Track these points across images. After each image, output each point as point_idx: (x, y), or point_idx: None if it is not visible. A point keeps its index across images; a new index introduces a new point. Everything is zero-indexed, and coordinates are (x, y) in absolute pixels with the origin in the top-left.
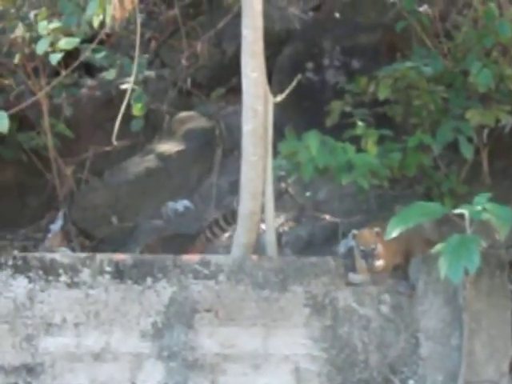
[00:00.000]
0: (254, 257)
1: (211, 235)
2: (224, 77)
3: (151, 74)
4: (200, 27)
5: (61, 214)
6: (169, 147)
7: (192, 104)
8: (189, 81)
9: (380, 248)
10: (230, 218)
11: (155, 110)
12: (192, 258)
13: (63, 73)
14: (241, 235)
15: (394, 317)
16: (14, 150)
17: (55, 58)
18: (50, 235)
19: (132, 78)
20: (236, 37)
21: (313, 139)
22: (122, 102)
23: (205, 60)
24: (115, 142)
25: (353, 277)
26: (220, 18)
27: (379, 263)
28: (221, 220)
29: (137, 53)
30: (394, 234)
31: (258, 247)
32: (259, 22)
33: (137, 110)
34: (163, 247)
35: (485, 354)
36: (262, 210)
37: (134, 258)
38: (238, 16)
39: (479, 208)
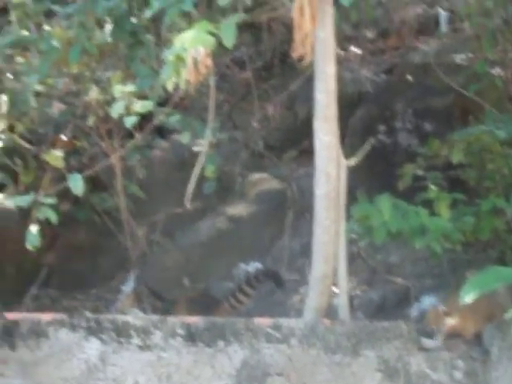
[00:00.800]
0: (326, 321)
1: (236, 303)
2: (296, 139)
3: (223, 136)
4: (272, 90)
5: (132, 276)
6: (240, 209)
7: (264, 166)
8: (261, 143)
9: (450, 321)
10: (255, 282)
11: (227, 172)
12: (264, 322)
13: (137, 135)
14: (313, 299)
15: (467, 383)
16: (86, 211)
17: (130, 121)
18: (121, 296)
19: (206, 142)
20: (308, 99)
21: (385, 203)
22: (194, 164)
23: (277, 122)
24: (188, 205)
25: (425, 342)
26: (292, 80)
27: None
28: (245, 286)
29: (211, 116)
30: (468, 299)
31: (330, 311)
32: (332, 86)
33: (209, 172)
34: (189, 306)
35: None
36: (334, 274)
37: (205, 321)
38: (310, 79)
39: None
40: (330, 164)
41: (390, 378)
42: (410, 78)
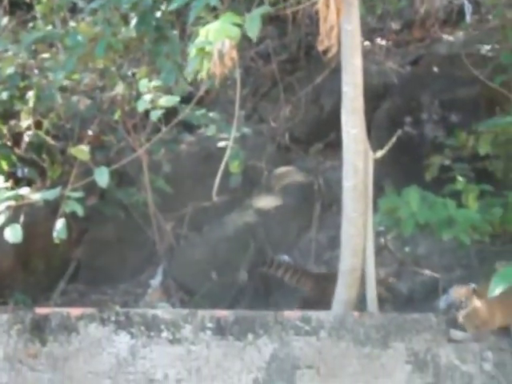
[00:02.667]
0: (356, 313)
1: None
2: (322, 132)
3: (248, 129)
4: (297, 82)
5: (160, 270)
6: (267, 202)
7: (290, 159)
8: (287, 136)
9: (478, 304)
10: None
11: (253, 166)
12: (293, 314)
13: (163, 129)
14: (342, 291)
15: (496, 374)
16: (113, 206)
17: (156, 115)
18: (150, 290)
19: (232, 136)
20: (334, 92)
21: (413, 195)
22: (220, 158)
23: (302, 115)
24: (215, 198)
25: (455, 333)
26: (317, 73)
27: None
28: None
29: (236, 110)
30: (497, 291)
31: (359, 303)
32: (359, 79)
33: (233, 167)
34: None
35: None
36: (363, 266)
37: (235, 315)
38: (335, 71)
39: None
40: (357, 157)
41: (420, 370)
42: (435, 69)
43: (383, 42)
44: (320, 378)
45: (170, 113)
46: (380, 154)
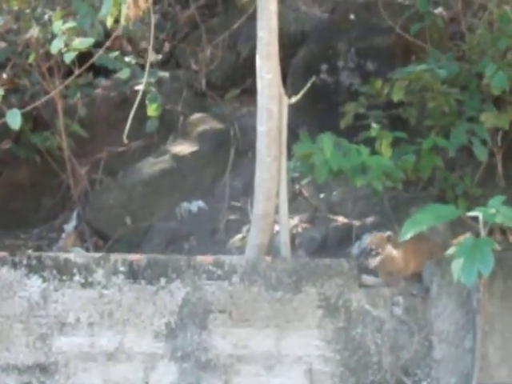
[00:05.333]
0: (268, 258)
1: None
2: (238, 78)
3: (165, 74)
4: (215, 28)
5: (75, 214)
6: (183, 148)
7: (206, 105)
8: (203, 82)
9: (393, 252)
10: None
11: (170, 111)
12: (205, 259)
13: (76, 72)
14: (254, 236)
15: (407, 319)
16: (28, 149)
17: (69, 57)
18: (63, 235)
19: (145, 78)
20: (251, 38)
21: (327, 141)
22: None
23: (220, 61)
24: (126, 141)
25: (366, 278)
26: (235, 19)
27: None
28: None
29: (150, 53)
30: (408, 236)
31: (272, 248)
32: (274, 24)
33: (152, 110)
34: None
35: (498, 357)
36: (276, 212)
37: (147, 259)
38: (252, 18)
39: (493, 210)
40: (271, 101)
41: (331, 315)
42: (352, 16)
43: None
44: (232, 322)
45: (86, 57)
46: (294, 99)
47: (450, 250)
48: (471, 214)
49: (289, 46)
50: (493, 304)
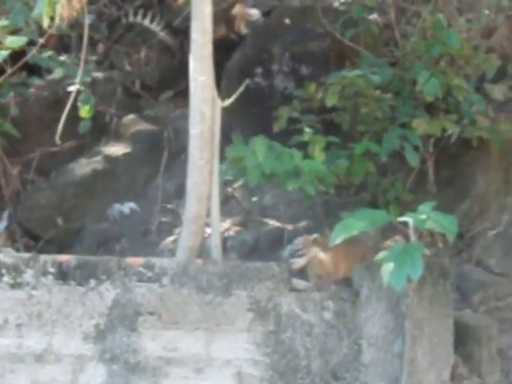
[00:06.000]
0: (199, 260)
1: None
2: (173, 80)
3: (99, 75)
4: (150, 29)
5: (6, 215)
6: (116, 149)
7: (140, 106)
8: (137, 83)
9: (320, 255)
10: None
11: (103, 112)
12: (136, 261)
13: (8, 70)
14: (186, 238)
15: (336, 323)
16: None
17: (1, 56)
18: None
19: (78, 79)
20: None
21: (260, 144)
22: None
23: (154, 62)
24: (59, 142)
25: (297, 282)
26: (170, 20)
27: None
28: None
29: (83, 53)
30: (339, 240)
31: (203, 251)
32: (208, 26)
33: (84, 111)
34: None
35: (426, 362)
36: (208, 214)
37: (77, 260)
38: (188, 19)
39: (424, 216)
40: (204, 104)
41: (261, 318)
42: (287, 21)
43: None
44: (162, 325)
45: (19, 56)
46: (228, 102)
47: (381, 255)
48: (402, 219)
49: (223, 48)
50: (422, 309)
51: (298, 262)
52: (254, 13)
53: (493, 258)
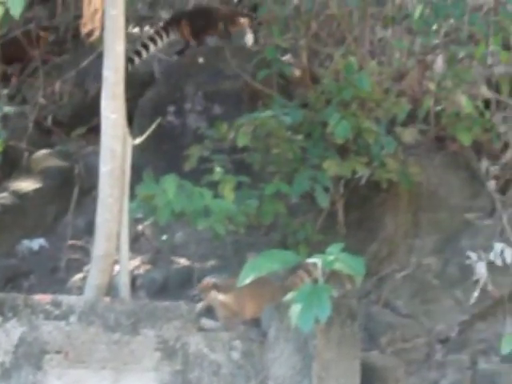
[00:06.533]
0: (107, 299)
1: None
2: (85, 116)
3: (10, 110)
4: (63, 65)
5: None
6: (26, 185)
7: (52, 142)
8: (49, 119)
9: (220, 297)
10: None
11: (14, 147)
12: (43, 298)
13: None
14: (94, 276)
15: (244, 363)
16: None
17: None
18: None
19: None
20: (99, 76)
21: (170, 183)
22: None
23: (66, 98)
24: None
25: (205, 322)
26: (84, 56)
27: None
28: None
29: None
30: (247, 280)
31: (112, 289)
32: (121, 64)
33: None
34: None
35: None
36: (117, 252)
37: None
38: (101, 56)
39: (332, 258)
40: (115, 142)
41: (169, 358)
42: (201, 60)
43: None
44: (68, 363)
45: None
46: (139, 140)
47: (289, 295)
48: (311, 260)
49: (137, 86)
50: (329, 350)
51: (201, 305)
52: None
53: (400, 300)
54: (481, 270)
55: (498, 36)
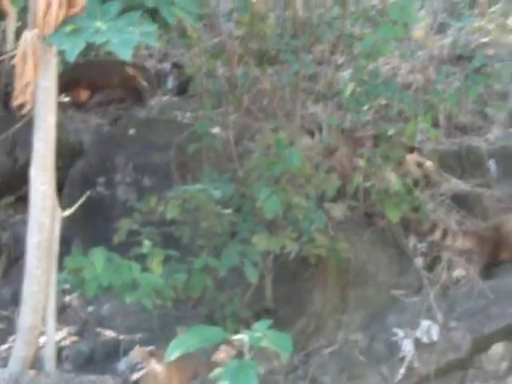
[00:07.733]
0: (32, 372)
1: None
2: (14, 184)
3: None
4: None
5: None
6: None
7: None
8: None
9: (156, 367)
10: None
11: None
12: None
13: None
14: (19, 348)
15: None
16: None
17: None
18: None
19: None
20: (29, 145)
21: (98, 256)
22: None
23: None
24: None
25: None
26: (14, 124)
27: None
28: None
29: None
30: (173, 356)
31: (37, 362)
32: (52, 136)
33: None
34: None
35: None
36: (43, 324)
37: None
38: (31, 123)
39: (259, 334)
40: (44, 213)
41: None
42: (132, 131)
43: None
44: None
45: None
46: (68, 212)
47: (215, 371)
48: (237, 337)
49: (67, 156)
50: None
51: (138, 375)
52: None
53: (328, 376)
54: (407, 346)
55: (428, 114)
